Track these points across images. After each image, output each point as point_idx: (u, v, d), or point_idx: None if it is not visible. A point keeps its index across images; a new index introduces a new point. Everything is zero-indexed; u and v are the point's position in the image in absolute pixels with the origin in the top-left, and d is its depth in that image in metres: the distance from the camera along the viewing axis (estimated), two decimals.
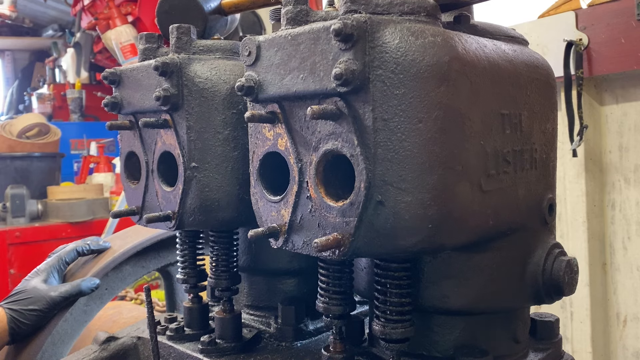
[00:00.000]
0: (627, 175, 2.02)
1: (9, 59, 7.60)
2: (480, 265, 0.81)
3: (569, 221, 2.08)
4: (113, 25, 4.25)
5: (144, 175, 1.06)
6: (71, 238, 1.48)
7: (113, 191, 3.97)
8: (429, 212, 0.69)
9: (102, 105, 1.10)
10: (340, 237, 0.70)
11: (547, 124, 0.89)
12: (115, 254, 1.45)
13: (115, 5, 4.26)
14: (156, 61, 0.95)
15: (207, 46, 1.04)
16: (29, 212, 3.43)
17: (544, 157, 0.88)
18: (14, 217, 3.43)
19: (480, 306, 0.83)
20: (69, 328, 1.36)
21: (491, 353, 0.82)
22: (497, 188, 0.78)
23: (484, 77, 0.75)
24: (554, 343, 0.92)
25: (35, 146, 3.80)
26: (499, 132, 0.78)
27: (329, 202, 0.73)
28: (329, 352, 0.88)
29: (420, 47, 0.69)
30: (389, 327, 0.79)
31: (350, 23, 0.67)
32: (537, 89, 0.86)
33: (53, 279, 1.34)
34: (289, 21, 0.78)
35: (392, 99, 0.68)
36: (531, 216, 0.85)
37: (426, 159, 0.69)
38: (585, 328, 2.04)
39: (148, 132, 1.05)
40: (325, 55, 0.71)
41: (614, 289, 2.06)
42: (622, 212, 2.03)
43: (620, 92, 2.03)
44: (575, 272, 0.87)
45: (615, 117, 2.05)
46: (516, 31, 0.92)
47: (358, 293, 0.91)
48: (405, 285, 0.79)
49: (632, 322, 2.02)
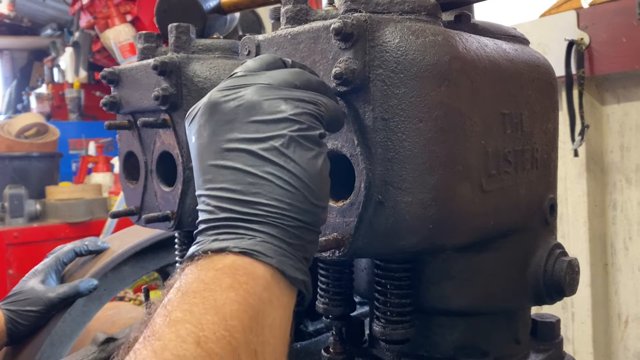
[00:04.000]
0: (629, 175, 2.01)
1: (8, 58, 7.60)
2: (481, 265, 0.81)
3: (570, 221, 2.08)
4: (112, 24, 4.25)
5: (142, 175, 1.05)
6: (70, 238, 1.49)
7: (112, 191, 3.97)
8: (430, 212, 0.69)
9: (100, 104, 1.09)
10: (340, 238, 0.70)
11: (548, 123, 0.88)
12: (114, 255, 1.45)
13: (114, 5, 4.26)
14: (155, 60, 0.95)
15: (206, 45, 1.03)
16: (27, 212, 3.42)
17: (545, 157, 0.87)
18: (13, 217, 3.42)
19: (481, 307, 0.82)
20: (67, 329, 1.35)
21: (492, 354, 0.82)
22: (498, 188, 0.77)
23: (485, 77, 0.75)
24: (555, 344, 0.92)
25: (33, 146, 3.80)
26: (500, 131, 0.78)
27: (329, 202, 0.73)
28: (329, 353, 0.87)
29: (420, 47, 0.68)
30: (389, 328, 0.78)
31: (350, 22, 0.67)
32: (538, 89, 0.86)
33: (51, 280, 1.33)
34: (288, 20, 0.78)
35: (392, 99, 0.68)
36: (532, 216, 0.85)
37: (426, 158, 0.68)
38: (586, 329, 2.04)
39: (147, 132, 1.04)
40: (325, 54, 0.71)
41: (616, 289, 2.06)
42: (624, 212, 2.03)
43: (622, 91, 2.03)
44: (576, 273, 0.87)
45: (616, 117, 2.05)
46: (517, 30, 0.91)
47: (358, 294, 0.90)
48: (406, 286, 0.79)
49: (633, 322, 2.01)
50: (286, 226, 0.57)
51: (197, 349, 0.47)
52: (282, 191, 0.57)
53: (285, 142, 0.58)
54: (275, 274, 0.55)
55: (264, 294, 0.54)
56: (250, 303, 0.52)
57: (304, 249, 0.58)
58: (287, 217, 0.57)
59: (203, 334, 0.48)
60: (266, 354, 0.52)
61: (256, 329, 0.52)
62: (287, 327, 0.57)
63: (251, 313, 0.52)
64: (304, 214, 0.58)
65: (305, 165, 0.58)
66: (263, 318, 0.53)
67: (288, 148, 0.58)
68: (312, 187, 0.58)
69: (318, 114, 0.62)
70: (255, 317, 0.52)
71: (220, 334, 0.49)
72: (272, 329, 0.53)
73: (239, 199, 0.57)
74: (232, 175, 0.58)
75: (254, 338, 0.51)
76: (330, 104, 0.65)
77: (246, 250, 0.54)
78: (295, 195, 0.57)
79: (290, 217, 0.57)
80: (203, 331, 0.48)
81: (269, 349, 0.52)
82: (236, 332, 0.50)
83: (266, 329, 0.53)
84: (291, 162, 0.58)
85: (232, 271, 0.53)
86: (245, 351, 0.50)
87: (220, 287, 0.52)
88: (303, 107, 0.61)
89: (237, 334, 0.50)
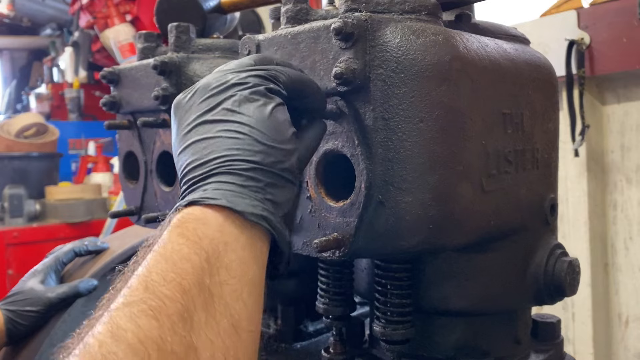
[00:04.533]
0: (629, 175, 2.01)
1: (7, 58, 7.60)
2: (482, 265, 0.81)
3: (570, 221, 2.08)
4: (111, 24, 4.24)
5: (142, 175, 1.05)
6: (69, 238, 1.48)
7: (111, 191, 3.96)
8: (430, 212, 0.69)
9: (100, 104, 1.09)
10: (340, 238, 0.70)
11: (548, 123, 0.88)
12: (114, 255, 1.44)
13: (113, 4, 4.25)
14: (155, 60, 0.94)
15: (206, 45, 1.03)
16: (27, 213, 3.42)
17: (545, 157, 0.87)
18: (12, 217, 3.42)
19: (481, 307, 0.82)
20: (67, 329, 1.35)
21: (492, 354, 0.82)
22: (498, 188, 0.77)
23: (485, 77, 0.75)
24: (555, 344, 0.92)
25: (33, 146, 3.79)
26: (501, 131, 0.78)
27: (329, 203, 0.73)
28: (329, 354, 0.87)
29: (421, 46, 0.68)
30: (390, 328, 0.78)
31: (350, 22, 0.67)
32: (539, 89, 0.85)
33: (50, 280, 1.33)
34: (288, 20, 0.78)
35: (392, 99, 0.68)
36: (533, 216, 0.85)
37: (427, 158, 0.68)
38: (587, 329, 2.04)
39: (147, 132, 1.04)
40: (325, 54, 0.70)
41: (616, 289, 2.06)
42: (624, 212, 2.03)
43: (622, 91, 2.02)
44: (577, 273, 0.87)
45: (617, 117, 2.04)
46: (517, 30, 0.91)
47: (358, 294, 0.90)
48: (406, 286, 0.79)
49: (634, 322, 2.01)
50: (238, 170, 0.57)
51: (145, 293, 0.47)
52: (231, 141, 0.58)
53: (234, 101, 0.60)
54: (229, 215, 0.54)
55: (216, 235, 0.53)
56: (201, 246, 0.52)
57: (264, 190, 0.57)
58: (237, 161, 0.57)
59: (151, 279, 0.49)
60: (225, 295, 0.51)
61: (210, 270, 0.51)
62: (253, 269, 0.55)
63: (203, 256, 0.51)
64: (256, 155, 0.58)
65: (252, 113, 0.59)
66: (218, 259, 0.52)
67: (237, 106, 0.59)
68: (262, 130, 0.58)
69: (268, 75, 0.62)
70: (208, 259, 0.51)
71: (170, 277, 0.49)
72: (229, 269, 0.52)
73: (196, 165, 0.58)
74: (191, 150, 0.59)
75: (208, 279, 0.50)
76: (291, 71, 0.65)
77: (194, 200, 0.55)
78: (243, 140, 0.58)
79: (240, 161, 0.57)
80: (152, 276, 0.49)
81: (228, 290, 0.51)
82: (186, 274, 0.49)
83: (222, 270, 0.52)
84: (238, 115, 0.59)
85: (182, 222, 0.54)
86: (198, 292, 0.49)
87: (170, 239, 0.52)
88: (249, 72, 0.62)
89: (188, 276, 0.49)
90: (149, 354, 0.44)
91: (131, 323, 0.45)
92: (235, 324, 0.51)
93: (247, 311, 0.52)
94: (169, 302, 0.47)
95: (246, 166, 0.57)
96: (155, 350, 0.44)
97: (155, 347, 0.44)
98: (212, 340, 0.48)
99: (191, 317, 0.48)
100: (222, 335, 0.49)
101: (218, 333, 0.49)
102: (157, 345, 0.45)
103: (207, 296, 0.50)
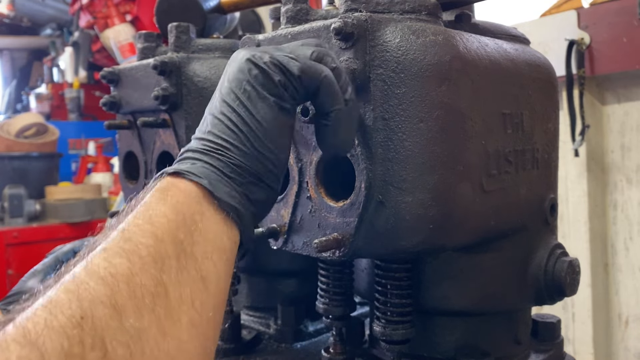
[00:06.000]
0: (629, 175, 2.01)
1: (7, 58, 7.59)
2: (482, 265, 0.81)
3: (570, 221, 2.08)
4: (111, 24, 4.24)
5: (142, 175, 1.05)
6: (69, 238, 1.48)
7: (111, 191, 3.96)
8: (430, 212, 0.69)
9: (100, 104, 1.09)
10: (340, 238, 0.70)
11: (548, 123, 0.88)
12: None
13: (113, 4, 4.25)
14: (155, 60, 0.94)
15: (206, 45, 1.03)
16: (27, 213, 3.41)
17: (545, 157, 0.87)
18: (12, 217, 3.41)
19: (481, 307, 0.82)
20: None
21: (492, 354, 0.82)
22: (498, 188, 0.77)
23: (486, 77, 0.75)
24: (555, 344, 0.92)
25: (33, 146, 3.79)
26: (501, 131, 0.78)
27: (329, 203, 0.73)
28: (329, 354, 0.87)
29: (421, 46, 0.68)
30: (390, 328, 0.78)
31: (350, 22, 0.67)
32: (539, 88, 0.85)
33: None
34: (288, 20, 0.78)
35: (392, 99, 0.68)
36: (533, 216, 0.85)
37: (427, 158, 0.68)
38: (587, 329, 2.04)
39: (147, 132, 1.04)
40: None
41: (616, 289, 2.06)
42: (624, 212, 2.03)
43: (622, 91, 2.02)
44: (577, 273, 0.87)
45: (617, 117, 2.04)
46: (517, 30, 0.91)
47: (358, 294, 0.90)
48: (406, 286, 0.79)
49: (634, 323, 2.01)
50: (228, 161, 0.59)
51: (121, 241, 0.51)
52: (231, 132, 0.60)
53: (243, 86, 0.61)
54: (207, 196, 0.57)
55: (192, 203, 0.56)
56: (178, 209, 0.55)
57: (246, 187, 0.60)
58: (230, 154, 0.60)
59: (128, 229, 0.52)
60: (196, 253, 0.53)
61: (184, 228, 0.54)
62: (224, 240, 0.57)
63: (180, 216, 0.54)
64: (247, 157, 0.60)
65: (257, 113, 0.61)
66: (193, 223, 0.54)
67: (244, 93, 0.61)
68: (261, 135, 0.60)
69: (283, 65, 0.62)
70: (184, 220, 0.54)
71: (146, 228, 0.52)
72: (202, 233, 0.55)
73: (196, 137, 0.62)
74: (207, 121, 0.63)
75: (182, 235, 0.53)
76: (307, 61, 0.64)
77: (180, 171, 0.58)
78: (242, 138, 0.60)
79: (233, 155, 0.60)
80: (129, 227, 0.52)
81: (199, 249, 0.54)
82: (162, 227, 0.52)
83: (196, 233, 0.54)
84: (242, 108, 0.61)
85: (165, 189, 0.57)
86: (171, 242, 0.52)
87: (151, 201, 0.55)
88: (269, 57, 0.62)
89: (163, 228, 0.52)
90: (119, 286, 0.47)
91: (105, 262, 0.49)
92: (204, 277, 0.53)
93: (215, 271, 0.55)
94: (142, 247, 0.51)
95: (236, 162, 0.59)
96: (124, 283, 0.48)
97: (124, 279, 0.48)
98: (181, 283, 0.51)
99: (162, 260, 0.51)
100: (191, 283, 0.52)
101: (187, 280, 0.52)
102: (126, 278, 0.48)
103: (179, 249, 0.53)
